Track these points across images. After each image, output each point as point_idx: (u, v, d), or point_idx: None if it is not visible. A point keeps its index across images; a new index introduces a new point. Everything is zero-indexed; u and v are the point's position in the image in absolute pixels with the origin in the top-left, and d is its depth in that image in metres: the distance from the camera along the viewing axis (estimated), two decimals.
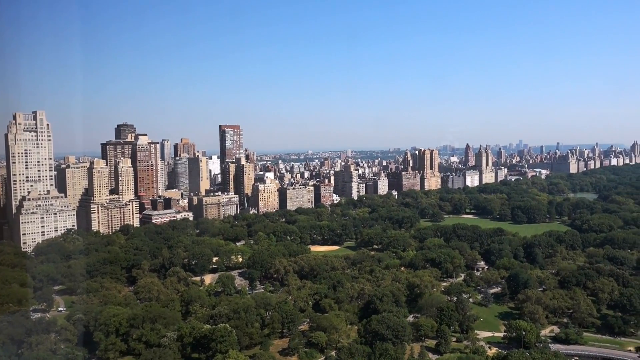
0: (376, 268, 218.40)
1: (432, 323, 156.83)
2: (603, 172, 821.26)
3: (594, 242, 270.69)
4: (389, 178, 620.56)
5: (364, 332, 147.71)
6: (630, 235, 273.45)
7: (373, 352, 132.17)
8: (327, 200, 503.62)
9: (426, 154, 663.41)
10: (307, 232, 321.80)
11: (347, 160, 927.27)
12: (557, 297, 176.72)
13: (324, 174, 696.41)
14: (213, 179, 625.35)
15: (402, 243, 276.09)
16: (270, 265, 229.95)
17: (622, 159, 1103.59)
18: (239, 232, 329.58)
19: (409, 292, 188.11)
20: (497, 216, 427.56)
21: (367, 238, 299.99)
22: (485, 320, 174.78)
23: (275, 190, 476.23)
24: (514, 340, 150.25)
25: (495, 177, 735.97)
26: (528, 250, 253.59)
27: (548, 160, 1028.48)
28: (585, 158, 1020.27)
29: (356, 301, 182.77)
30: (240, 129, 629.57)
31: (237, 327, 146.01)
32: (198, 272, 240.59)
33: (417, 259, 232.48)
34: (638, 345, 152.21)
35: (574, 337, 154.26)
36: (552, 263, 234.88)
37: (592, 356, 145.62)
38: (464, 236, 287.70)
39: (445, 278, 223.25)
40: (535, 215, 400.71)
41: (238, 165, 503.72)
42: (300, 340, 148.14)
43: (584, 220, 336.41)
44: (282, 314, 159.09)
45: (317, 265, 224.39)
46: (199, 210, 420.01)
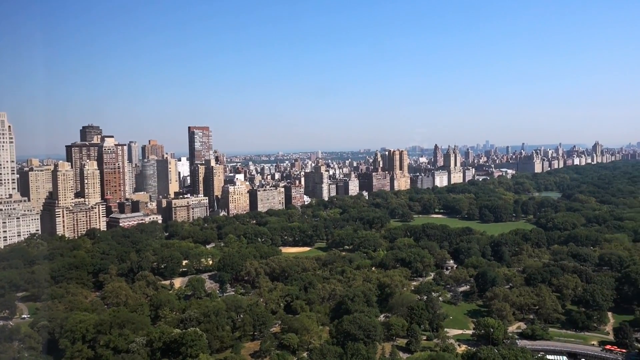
0: (347, 268, 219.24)
1: (403, 322, 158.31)
2: (566, 172, 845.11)
3: (558, 240, 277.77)
4: (359, 179, 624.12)
5: (336, 332, 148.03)
6: (592, 233, 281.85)
7: (345, 353, 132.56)
8: (298, 202, 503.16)
9: (396, 154, 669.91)
10: (278, 233, 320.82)
11: (318, 161, 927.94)
12: (524, 294, 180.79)
13: (294, 175, 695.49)
14: (182, 181, 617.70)
15: (373, 243, 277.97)
16: (241, 268, 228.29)
17: (584, 158, 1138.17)
18: (209, 235, 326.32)
19: (380, 292, 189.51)
20: (465, 215, 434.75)
21: (338, 239, 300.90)
22: (454, 318, 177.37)
23: (245, 192, 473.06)
24: (483, 337, 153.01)
25: (463, 177, 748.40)
26: (495, 248, 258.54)
27: (514, 160, 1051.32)
28: (549, 158, 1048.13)
29: (328, 302, 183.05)
30: (209, 131, 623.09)
31: (207, 330, 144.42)
32: (167, 276, 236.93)
33: (388, 259, 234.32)
34: (601, 339, 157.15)
35: (540, 333, 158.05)
36: (519, 261, 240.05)
37: (557, 351, 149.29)
38: (433, 236, 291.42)
39: (415, 277, 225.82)
40: (502, 214, 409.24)
41: (208, 167, 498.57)
42: (271, 342, 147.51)
43: (549, 218, 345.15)
44: (253, 317, 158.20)
45: (288, 266, 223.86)
46: (168, 213, 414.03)
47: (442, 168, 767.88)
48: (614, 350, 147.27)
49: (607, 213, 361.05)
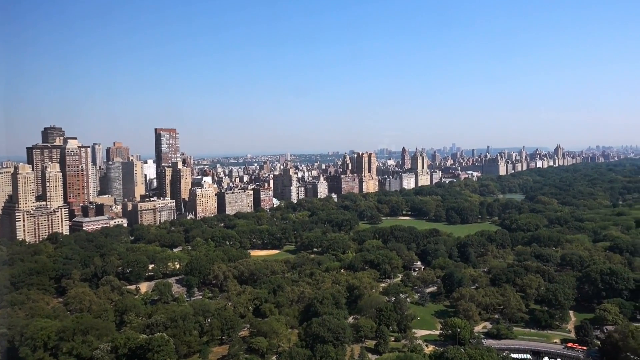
0: (316, 271, 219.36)
1: (372, 324, 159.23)
2: (529, 174, 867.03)
3: (522, 241, 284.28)
4: (328, 181, 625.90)
5: (305, 335, 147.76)
6: (554, 234, 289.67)
7: (314, 355, 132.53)
8: (266, 204, 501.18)
9: (364, 157, 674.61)
10: (247, 236, 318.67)
11: (287, 163, 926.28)
12: (489, 294, 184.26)
13: (263, 178, 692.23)
14: (149, 184, 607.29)
15: (342, 245, 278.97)
16: (208, 271, 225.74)
17: (546, 161, 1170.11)
18: (176, 238, 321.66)
19: (348, 294, 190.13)
20: (432, 217, 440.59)
21: (307, 241, 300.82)
22: (422, 319, 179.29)
23: (213, 194, 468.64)
24: (450, 337, 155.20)
25: (431, 180, 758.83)
26: (462, 249, 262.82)
27: (479, 162, 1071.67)
28: (513, 161, 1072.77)
29: (297, 305, 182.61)
30: (176, 133, 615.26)
31: (174, 335, 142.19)
32: (133, 281, 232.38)
33: (357, 261, 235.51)
34: (563, 337, 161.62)
35: (505, 332, 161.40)
36: (484, 261, 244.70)
37: (521, 349, 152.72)
38: (401, 237, 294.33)
39: (383, 279, 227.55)
40: (468, 215, 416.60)
41: (175, 170, 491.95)
42: (240, 346, 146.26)
43: (513, 220, 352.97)
44: (221, 321, 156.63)
45: (257, 269, 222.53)
46: (133, 217, 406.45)
47: (409, 171, 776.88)
48: (576, 347, 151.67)
49: (568, 214, 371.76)
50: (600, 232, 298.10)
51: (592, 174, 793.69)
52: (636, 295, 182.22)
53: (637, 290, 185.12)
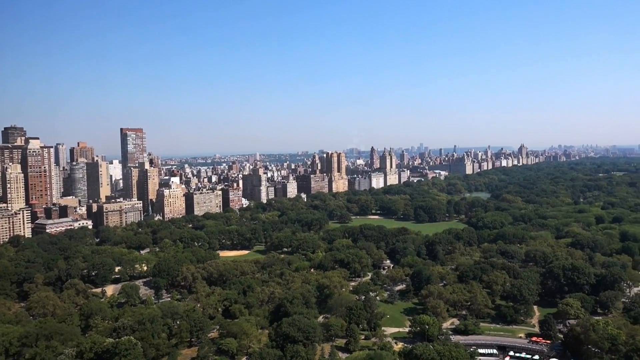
0: (286, 271, 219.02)
1: (342, 322, 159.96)
2: (495, 173, 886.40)
3: (488, 238, 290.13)
4: (297, 181, 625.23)
5: (275, 335, 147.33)
6: (519, 231, 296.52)
7: (284, 355, 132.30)
8: (235, 205, 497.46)
9: (334, 157, 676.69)
10: (216, 237, 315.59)
11: (256, 163, 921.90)
12: (457, 291, 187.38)
13: (232, 178, 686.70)
14: (114, 185, 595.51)
15: (312, 245, 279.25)
16: (177, 273, 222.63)
17: (511, 160, 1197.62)
18: (143, 240, 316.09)
19: (318, 293, 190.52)
20: (401, 216, 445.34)
21: (276, 241, 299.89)
22: (391, 317, 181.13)
23: (181, 195, 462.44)
24: (418, 334, 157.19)
25: (399, 179, 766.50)
26: (430, 247, 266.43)
27: (446, 162, 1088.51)
28: (479, 160, 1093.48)
29: (267, 305, 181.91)
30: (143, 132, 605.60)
31: (142, 338, 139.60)
32: (99, 284, 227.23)
33: (326, 260, 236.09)
34: (528, 331, 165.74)
35: (472, 328, 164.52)
36: (452, 259, 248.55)
37: (488, 344, 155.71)
38: (370, 236, 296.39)
39: (353, 278, 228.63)
40: (435, 214, 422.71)
41: (141, 170, 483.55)
42: (209, 348, 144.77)
43: (479, 218, 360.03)
44: (190, 323, 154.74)
45: (226, 270, 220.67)
46: (99, 218, 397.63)
47: (378, 170, 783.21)
48: (540, 341, 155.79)
49: (532, 212, 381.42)
50: (563, 229, 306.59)
51: (555, 173, 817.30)
52: (597, 290, 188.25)
53: (597, 285, 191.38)
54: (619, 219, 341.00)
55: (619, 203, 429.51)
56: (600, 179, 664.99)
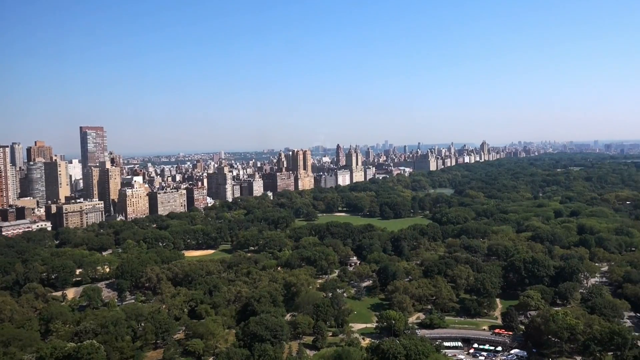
0: (253, 270, 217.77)
1: (309, 320, 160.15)
2: (458, 169, 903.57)
3: (451, 233, 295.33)
4: (263, 179, 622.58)
5: (242, 335, 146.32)
6: (481, 226, 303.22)
7: (252, 354, 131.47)
8: (200, 204, 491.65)
9: (299, 154, 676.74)
10: (181, 237, 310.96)
11: (221, 162, 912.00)
12: (422, 285, 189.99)
13: (196, 177, 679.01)
14: (74, 185, 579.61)
15: (278, 243, 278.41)
16: (141, 274, 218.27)
17: (473, 156, 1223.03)
18: (105, 241, 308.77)
19: (286, 292, 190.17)
20: (367, 213, 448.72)
21: (243, 240, 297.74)
22: (359, 313, 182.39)
23: (144, 194, 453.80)
24: (385, 329, 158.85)
25: (365, 176, 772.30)
26: (395, 243, 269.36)
27: (411, 159, 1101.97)
28: (442, 156, 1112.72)
29: (234, 304, 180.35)
30: (104, 131, 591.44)
31: (105, 342, 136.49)
32: (59, 287, 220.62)
33: (293, 258, 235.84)
34: (491, 324, 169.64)
35: (437, 322, 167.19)
36: (417, 254, 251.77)
37: (452, 337, 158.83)
38: (337, 233, 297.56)
39: (320, 275, 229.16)
40: (401, 210, 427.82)
41: (102, 170, 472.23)
42: (175, 349, 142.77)
43: (443, 213, 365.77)
44: (155, 324, 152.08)
45: (191, 270, 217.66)
46: (58, 220, 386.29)
47: (344, 167, 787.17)
48: (502, 333, 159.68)
49: (494, 207, 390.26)
50: (523, 223, 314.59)
51: (515, 169, 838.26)
52: (556, 282, 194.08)
53: (556, 277, 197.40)
54: (576, 212, 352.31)
55: (576, 197, 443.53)
56: (558, 174, 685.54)
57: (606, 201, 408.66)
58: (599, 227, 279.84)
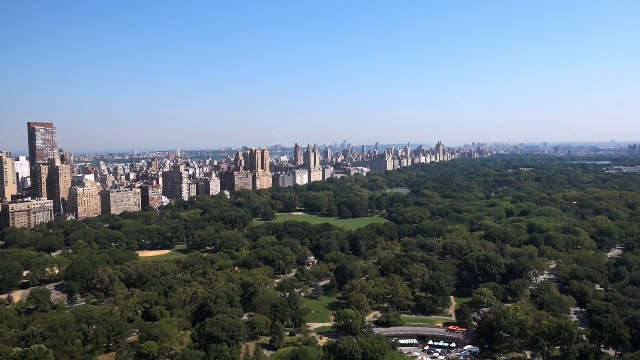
0: (209, 270, 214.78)
1: (267, 320, 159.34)
2: (414, 169, 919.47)
3: (407, 232, 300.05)
4: (220, 178, 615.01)
5: (198, 336, 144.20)
6: (436, 225, 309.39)
7: (208, 356, 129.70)
8: (155, 203, 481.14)
9: (257, 153, 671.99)
10: (135, 237, 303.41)
11: (177, 160, 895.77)
12: (379, 284, 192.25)
13: (151, 175, 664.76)
14: (21, 183, 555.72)
15: (235, 243, 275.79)
16: (92, 275, 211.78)
17: (429, 157, 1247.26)
18: (54, 241, 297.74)
19: (243, 292, 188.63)
20: (325, 212, 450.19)
21: (199, 240, 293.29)
22: (316, 312, 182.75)
23: (96, 193, 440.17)
24: (342, 328, 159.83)
25: (323, 175, 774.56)
26: (353, 242, 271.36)
27: (368, 158, 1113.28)
28: (399, 157, 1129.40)
29: (189, 305, 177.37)
30: (53, 127, 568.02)
31: (54, 346, 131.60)
32: (4, 289, 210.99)
33: (251, 258, 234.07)
34: (445, 321, 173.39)
35: (393, 320, 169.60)
36: (374, 253, 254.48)
37: (408, 335, 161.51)
38: (295, 233, 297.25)
39: (278, 274, 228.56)
40: (358, 209, 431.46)
41: (52, 167, 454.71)
42: (128, 352, 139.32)
43: (399, 212, 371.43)
44: (107, 327, 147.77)
45: (146, 271, 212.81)
46: (4, 219, 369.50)
47: (302, 167, 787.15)
48: (456, 329, 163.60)
49: (449, 206, 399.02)
50: (476, 222, 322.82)
51: (469, 169, 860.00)
52: (507, 279, 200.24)
53: (507, 274, 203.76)
54: (526, 212, 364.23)
55: (526, 197, 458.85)
56: (509, 175, 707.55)
57: (554, 201, 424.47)
58: (547, 226, 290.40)
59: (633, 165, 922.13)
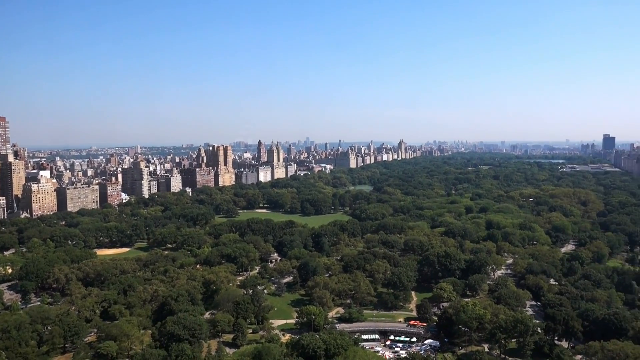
0: (170, 268, 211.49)
1: (229, 318, 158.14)
2: (377, 167, 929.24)
3: (370, 229, 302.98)
4: (182, 175, 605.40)
5: (159, 335, 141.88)
6: (398, 222, 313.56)
7: (169, 355, 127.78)
8: (114, 200, 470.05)
9: (220, 150, 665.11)
10: (93, 234, 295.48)
11: (137, 156, 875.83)
12: (342, 280, 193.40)
13: (110, 172, 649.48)
14: None
15: (197, 240, 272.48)
16: (48, 275, 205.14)
17: (391, 155, 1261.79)
18: (7, 240, 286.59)
19: (205, 290, 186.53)
20: (288, 209, 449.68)
21: (160, 237, 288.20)
22: (279, 309, 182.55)
23: (52, 190, 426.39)
24: (305, 325, 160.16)
25: (286, 173, 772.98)
26: (316, 239, 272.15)
27: (332, 156, 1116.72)
28: (362, 154, 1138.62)
29: (150, 304, 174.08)
30: (6, 121, 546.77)
31: (7, 348, 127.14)
32: None
33: (213, 256, 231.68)
34: (406, 316, 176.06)
35: (356, 316, 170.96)
36: (337, 250, 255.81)
37: (370, 330, 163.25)
38: (258, 230, 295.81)
39: (241, 272, 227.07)
40: (321, 207, 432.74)
41: (4, 163, 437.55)
42: (86, 353, 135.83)
43: (362, 209, 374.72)
44: (63, 327, 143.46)
45: (104, 270, 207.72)
46: None
47: (266, 164, 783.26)
48: (417, 324, 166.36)
49: (410, 203, 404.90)
50: (437, 219, 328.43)
51: (430, 167, 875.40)
52: (466, 274, 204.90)
53: (467, 270, 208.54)
54: (485, 209, 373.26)
55: (485, 194, 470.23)
56: (469, 173, 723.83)
57: (511, 198, 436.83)
58: (505, 223, 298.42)
59: (586, 164, 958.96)
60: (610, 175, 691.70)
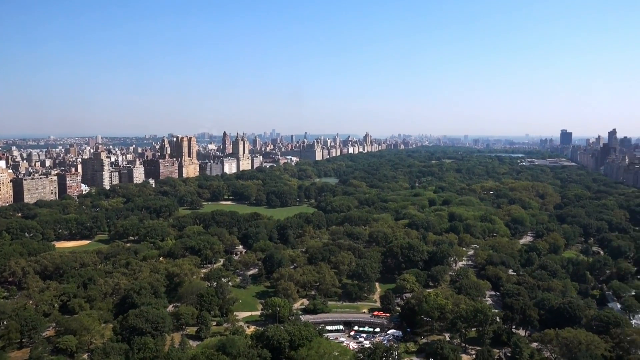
0: (132, 260, 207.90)
1: (193, 310, 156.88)
2: (342, 159, 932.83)
3: (336, 221, 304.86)
4: (145, 166, 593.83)
5: (121, 328, 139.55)
6: (363, 214, 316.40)
7: (131, 348, 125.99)
8: (74, 191, 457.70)
9: (184, 141, 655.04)
10: (51, 227, 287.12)
11: (98, 147, 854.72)
12: (307, 272, 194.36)
13: (69, 162, 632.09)
14: None
15: (161, 233, 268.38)
16: (3, 268, 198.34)
17: (357, 147, 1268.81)
18: None
19: (168, 282, 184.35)
20: (253, 201, 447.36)
21: (121, 230, 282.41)
22: (244, 301, 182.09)
23: (8, 181, 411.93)
24: (270, 316, 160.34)
25: (252, 164, 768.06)
26: (281, 231, 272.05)
27: (298, 148, 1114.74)
28: (328, 147, 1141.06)
29: (111, 297, 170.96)
30: None
31: None
32: None
33: (177, 248, 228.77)
34: (370, 307, 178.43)
35: (320, 307, 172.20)
36: (302, 242, 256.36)
37: (335, 321, 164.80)
38: (222, 222, 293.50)
39: (205, 264, 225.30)
40: (287, 199, 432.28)
41: None
42: (44, 347, 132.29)
43: (328, 202, 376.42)
44: (20, 322, 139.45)
45: (63, 263, 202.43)
46: None
47: (231, 155, 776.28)
48: (380, 315, 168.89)
49: (375, 196, 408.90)
50: (401, 211, 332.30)
51: (395, 160, 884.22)
52: (429, 265, 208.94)
53: (429, 261, 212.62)
54: (447, 201, 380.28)
55: (448, 187, 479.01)
56: (432, 166, 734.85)
57: (473, 191, 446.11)
58: (466, 215, 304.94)
59: (544, 158, 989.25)
60: (567, 169, 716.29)
